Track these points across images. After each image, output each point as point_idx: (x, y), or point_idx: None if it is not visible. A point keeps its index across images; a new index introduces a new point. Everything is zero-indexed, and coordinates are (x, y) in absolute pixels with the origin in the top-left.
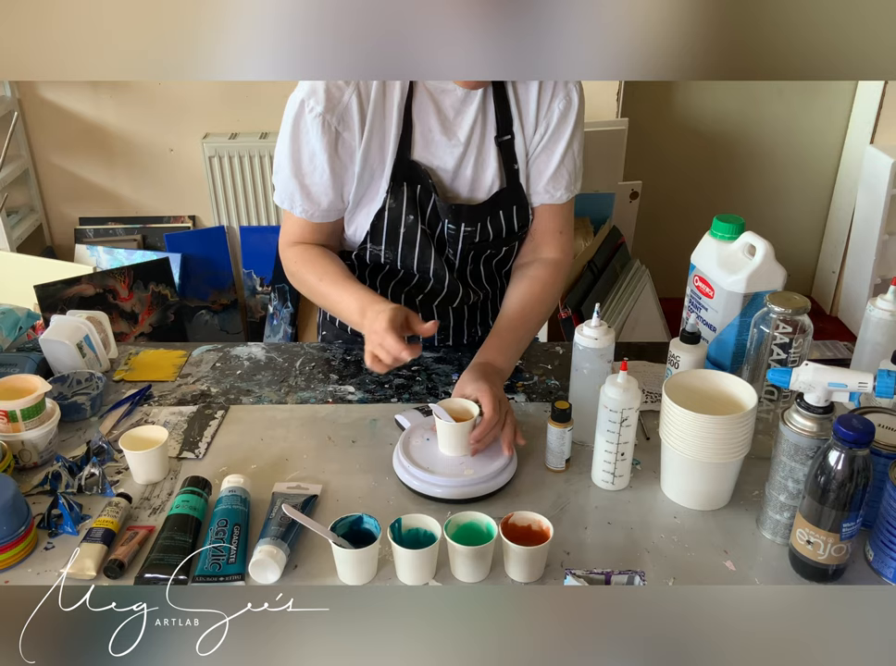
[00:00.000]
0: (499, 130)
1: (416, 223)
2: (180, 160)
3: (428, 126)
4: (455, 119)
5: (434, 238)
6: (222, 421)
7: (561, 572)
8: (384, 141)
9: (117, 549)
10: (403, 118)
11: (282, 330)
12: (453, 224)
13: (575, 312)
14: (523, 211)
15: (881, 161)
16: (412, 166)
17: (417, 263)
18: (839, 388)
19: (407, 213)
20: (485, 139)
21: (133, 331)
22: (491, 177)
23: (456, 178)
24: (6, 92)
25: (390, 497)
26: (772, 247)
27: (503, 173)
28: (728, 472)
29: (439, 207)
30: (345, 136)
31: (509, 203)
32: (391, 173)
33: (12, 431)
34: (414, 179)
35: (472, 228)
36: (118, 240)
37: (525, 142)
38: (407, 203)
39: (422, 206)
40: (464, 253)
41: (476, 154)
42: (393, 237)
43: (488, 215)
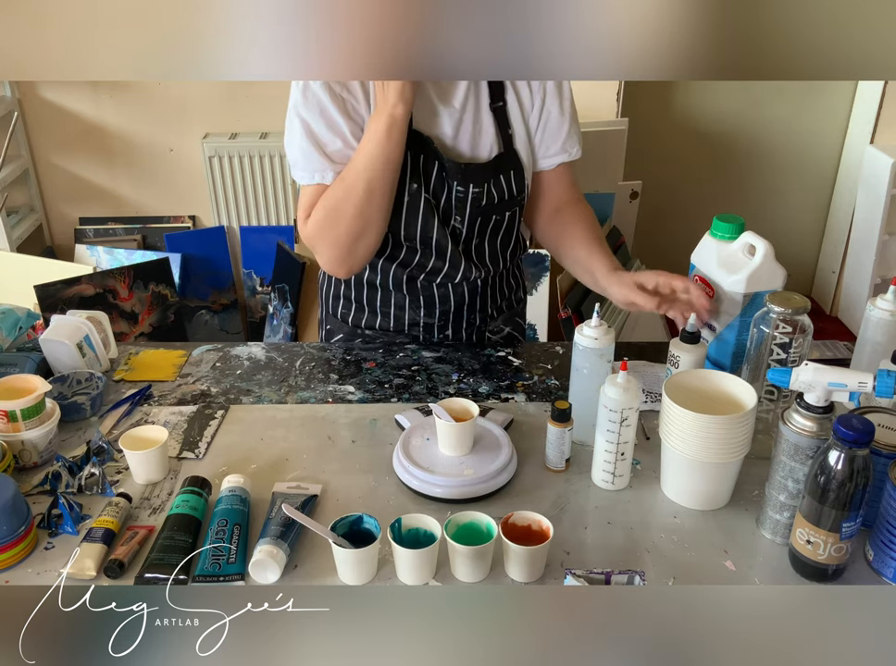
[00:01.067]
0: (492, 97)
1: (420, 191)
2: (180, 160)
3: (422, 95)
4: (449, 88)
5: (439, 207)
6: (222, 421)
7: (561, 572)
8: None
9: (117, 549)
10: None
11: (282, 330)
12: (461, 185)
13: (575, 312)
14: (519, 176)
15: (881, 161)
16: (414, 135)
17: (420, 232)
18: (839, 387)
19: (411, 181)
20: (479, 106)
21: (133, 331)
22: (490, 141)
23: (457, 145)
24: (6, 92)
25: (390, 497)
26: (772, 247)
27: (499, 138)
28: (728, 472)
29: (447, 167)
30: (352, 101)
31: (507, 167)
32: None
33: (12, 431)
34: (416, 148)
35: (480, 190)
36: (118, 240)
37: (521, 108)
38: (411, 171)
39: (426, 174)
40: (471, 220)
41: (472, 121)
42: (397, 206)
43: (492, 176)
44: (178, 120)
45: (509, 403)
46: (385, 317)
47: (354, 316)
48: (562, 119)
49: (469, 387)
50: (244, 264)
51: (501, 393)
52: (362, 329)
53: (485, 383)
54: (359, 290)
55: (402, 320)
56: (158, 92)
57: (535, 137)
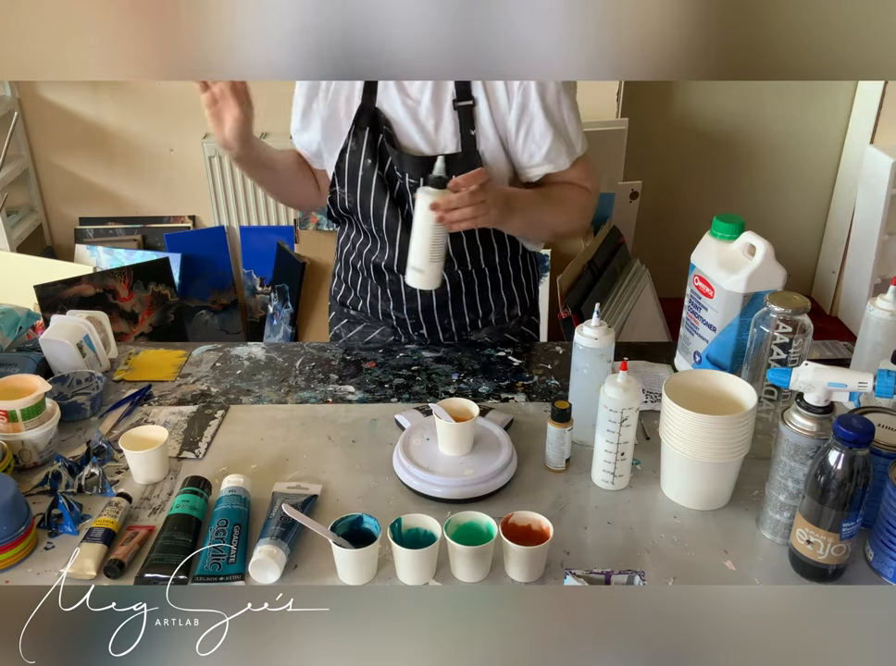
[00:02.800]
0: (458, 94)
1: (373, 167)
2: (180, 160)
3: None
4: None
5: (394, 190)
6: (222, 421)
7: (561, 572)
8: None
9: (117, 549)
10: None
11: (282, 330)
12: (413, 178)
13: (575, 312)
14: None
15: (881, 161)
16: (376, 114)
17: (373, 209)
18: (838, 387)
19: (366, 156)
20: (440, 100)
21: (133, 331)
22: (445, 138)
23: (414, 134)
24: (6, 92)
25: (390, 497)
26: (772, 247)
27: (457, 137)
28: (728, 472)
29: (393, 157)
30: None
31: (463, 168)
32: (354, 118)
33: (12, 431)
34: (375, 126)
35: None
36: (118, 240)
37: (490, 110)
38: (367, 147)
39: (381, 154)
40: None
41: (429, 114)
42: (353, 180)
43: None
44: (178, 120)
45: (509, 403)
46: (364, 302)
47: (342, 294)
48: (547, 128)
49: (469, 387)
50: (244, 264)
51: (501, 393)
52: (347, 308)
53: (485, 383)
54: (346, 271)
55: (376, 308)
56: (158, 92)
57: (515, 141)
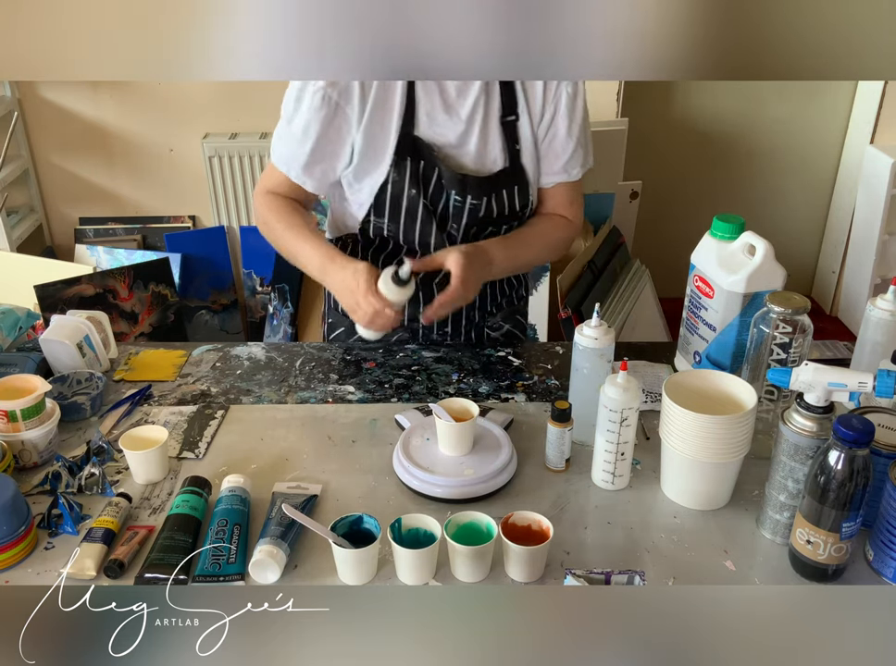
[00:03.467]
0: (504, 110)
1: (419, 197)
2: (180, 160)
3: (431, 103)
4: (458, 98)
5: (437, 213)
6: (222, 421)
7: (561, 572)
8: (387, 117)
9: (117, 549)
10: (406, 95)
11: (282, 330)
12: (459, 195)
13: (575, 312)
14: (523, 192)
15: (881, 161)
16: (416, 142)
17: (419, 236)
18: (838, 388)
19: (410, 187)
20: (488, 118)
21: (133, 331)
22: (494, 155)
23: (460, 155)
24: (6, 92)
25: (390, 497)
26: (772, 247)
27: (505, 153)
28: (728, 472)
29: (445, 177)
30: (347, 110)
31: (511, 182)
32: (394, 148)
33: (12, 431)
34: (417, 155)
35: (478, 201)
36: (118, 240)
37: (531, 125)
38: (410, 177)
39: (425, 181)
40: (467, 228)
41: (478, 132)
42: (396, 210)
43: (492, 190)
44: (178, 120)
45: (509, 403)
46: None
47: None
48: (568, 140)
49: (469, 387)
50: (244, 264)
51: (501, 393)
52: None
53: (485, 383)
54: None
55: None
56: (158, 92)
57: (540, 149)
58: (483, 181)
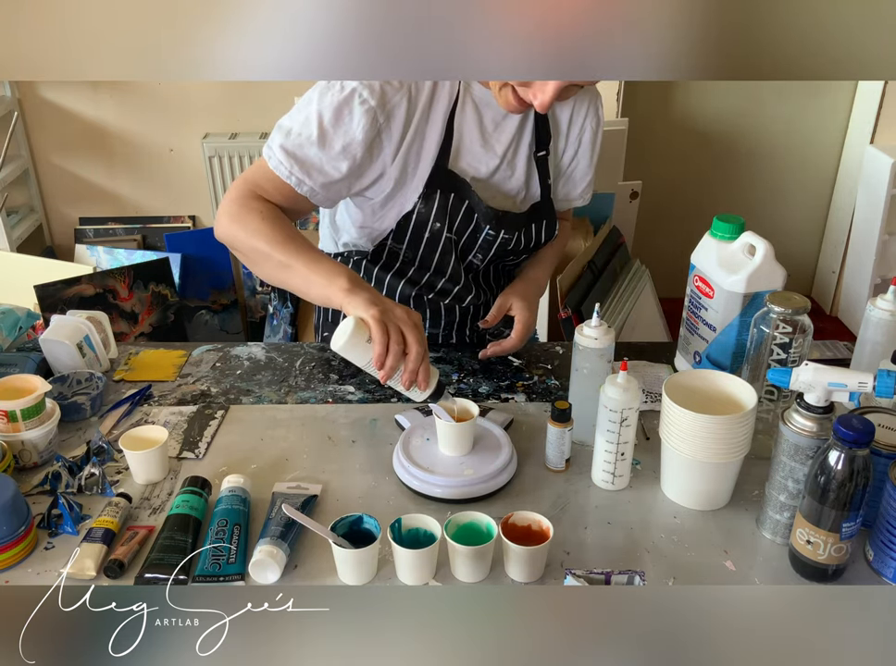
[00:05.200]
0: (538, 146)
1: (443, 230)
2: (180, 160)
3: (470, 136)
4: (494, 133)
5: (460, 244)
6: (222, 421)
7: (561, 572)
8: (423, 147)
9: (117, 549)
10: (446, 127)
11: (282, 330)
12: (493, 230)
13: (575, 312)
14: (551, 225)
15: (881, 161)
16: (450, 176)
17: (436, 265)
18: (839, 388)
19: (435, 220)
20: (518, 153)
21: (133, 331)
22: (533, 190)
23: (488, 188)
24: (6, 92)
25: (390, 497)
26: (772, 247)
27: (539, 187)
28: (728, 472)
29: (480, 212)
30: (384, 136)
31: (542, 217)
32: (426, 179)
33: (12, 431)
34: (448, 188)
35: (509, 236)
36: (118, 240)
37: (556, 158)
38: (437, 210)
39: (452, 215)
40: (491, 259)
41: (506, 167)
42: (417, 240)
43: (524, 225)
44: (178, 120)
45: (509, 403)
46: None
47: None
48: (587, 172)
49: (469, 387)
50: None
51: (501, 393)
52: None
53: (485, 383)
54: None
55: None
56: (158, 92)
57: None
58: (518, 217)
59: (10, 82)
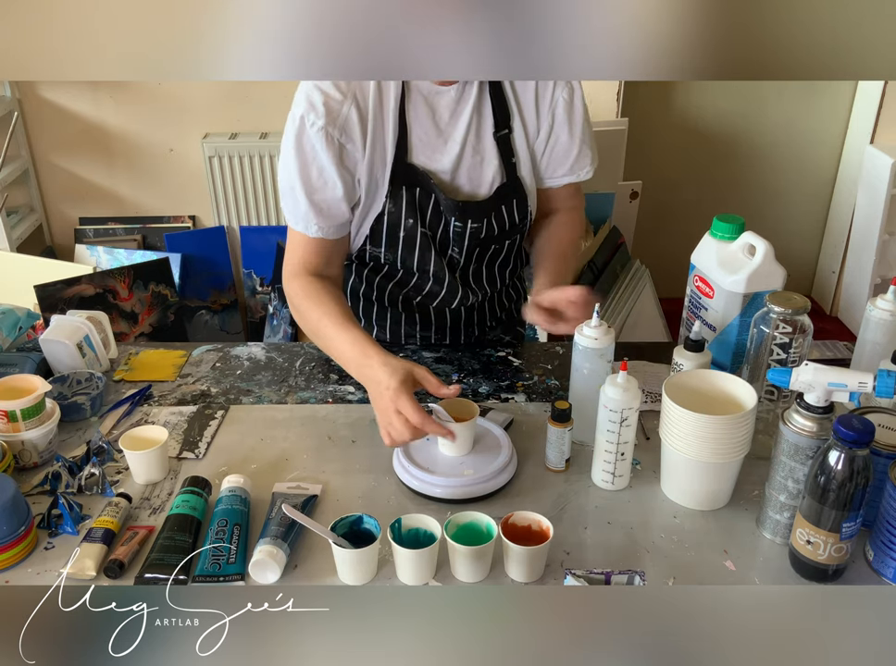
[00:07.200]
0: (497, 126)
1: (416, 226)
2: (180, 160)
3: (423, 129)
4: (451, 120)
5: (436, 239)
6: (222, 421)
7: (561, 572)
8: (384, 148)
9: (117, 549)
10: (399, 123)
11: (282, 330)
12: (459, 221)
13: None
14: (522, 203)
15: (881, 161)
16: (410, 170)
17: (417, 264)
18: (839, 388)
19: (406, 216)
20: (481, 136)
21: (133, 331)
22: (492, 173)
23: (456, 178)
24: (6, 92)
25: (390, 497)
26: (772, 247)
27: (502, 168)
28: (728, 472)
29: (444, 206)
30: (349, 148)
31: (509, 197)
32: (389, 178)
33: (12, 431)
34: (413, 183)
35: (478, 224)
36: (118, 240)
37: (526, 135)
38: (406, 206)
39: (422, 209)
40: (469, 251)
41: (472, 153)
42: (393, 240)
43: (493, 210)
44: (178, 120)
45: (509, 403)
46: (381, 330)
47: None
48: (570, 144)
49: (469, 387)
50: (244, 264)
51: (501, 393)
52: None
53: (485, 383)
54: (355, 303)
55: (398, 334)
56: (158, 92)
57: (541, 161)
58: (482, 204)
59: (10, 82)
